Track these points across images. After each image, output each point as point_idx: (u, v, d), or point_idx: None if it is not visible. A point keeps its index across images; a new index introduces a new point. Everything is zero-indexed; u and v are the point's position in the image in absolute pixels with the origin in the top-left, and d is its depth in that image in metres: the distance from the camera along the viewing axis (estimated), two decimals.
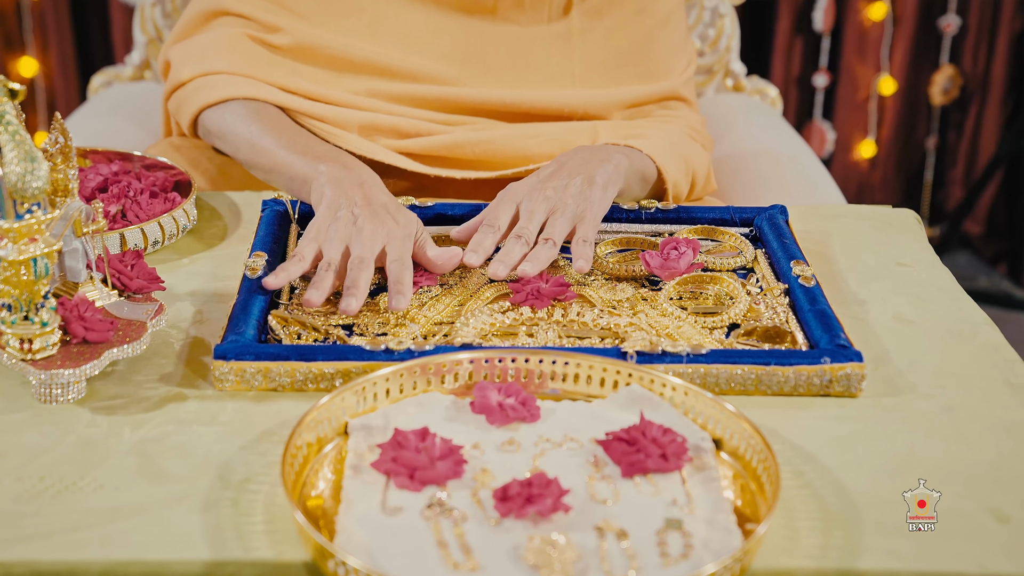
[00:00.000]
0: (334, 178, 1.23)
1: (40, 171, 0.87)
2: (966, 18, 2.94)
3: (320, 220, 1.17)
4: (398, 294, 1.10)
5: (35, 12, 2.69)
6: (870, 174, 3.07)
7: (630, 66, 1.51)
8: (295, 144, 1.32)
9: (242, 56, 1.43)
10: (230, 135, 1.38)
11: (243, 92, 1.39)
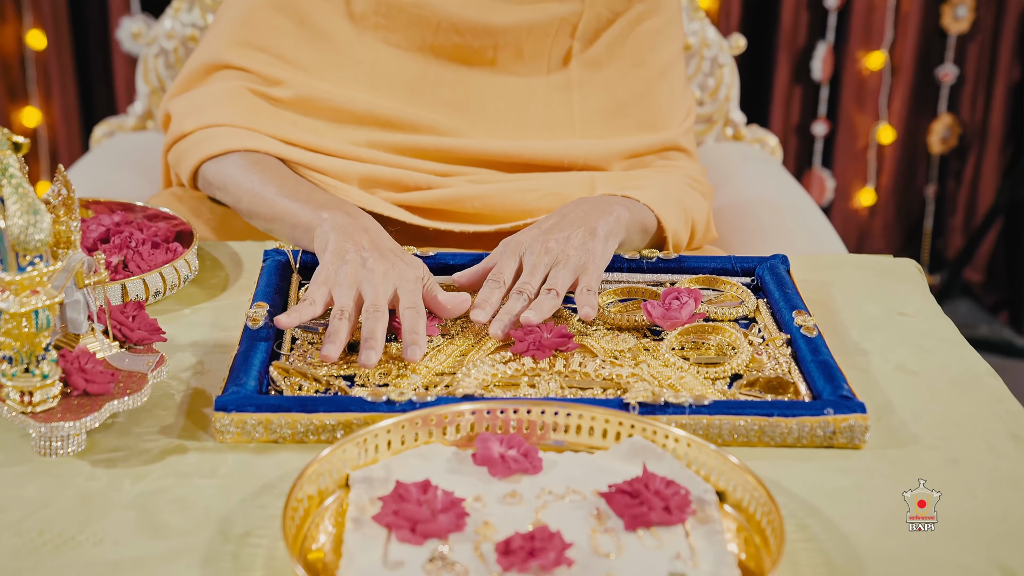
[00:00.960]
0: (338, 225, 1.23)
1: (43, 224, 0.87)
2: (964, 68, 2.96)
3: (328, 265, 1.17)
4: (413, 344, 1.09)
5: (39, 62, 2.71)
6: (870, 222, 3.08)
7: (629, 117, 1.52)
8: (296, 193, 1.32)
9: (243, 108, 1.44)
10: (231, 186, 1.39)
11: (244, 144, 1.40)
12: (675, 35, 1.56)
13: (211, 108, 1.45)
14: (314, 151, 1.43)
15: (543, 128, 1.50)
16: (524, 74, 1.50)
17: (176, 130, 1.46)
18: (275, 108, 1.45)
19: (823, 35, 2.88)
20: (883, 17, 2.88)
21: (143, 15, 2.65)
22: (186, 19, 2.04)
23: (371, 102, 1.46)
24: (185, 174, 1.45)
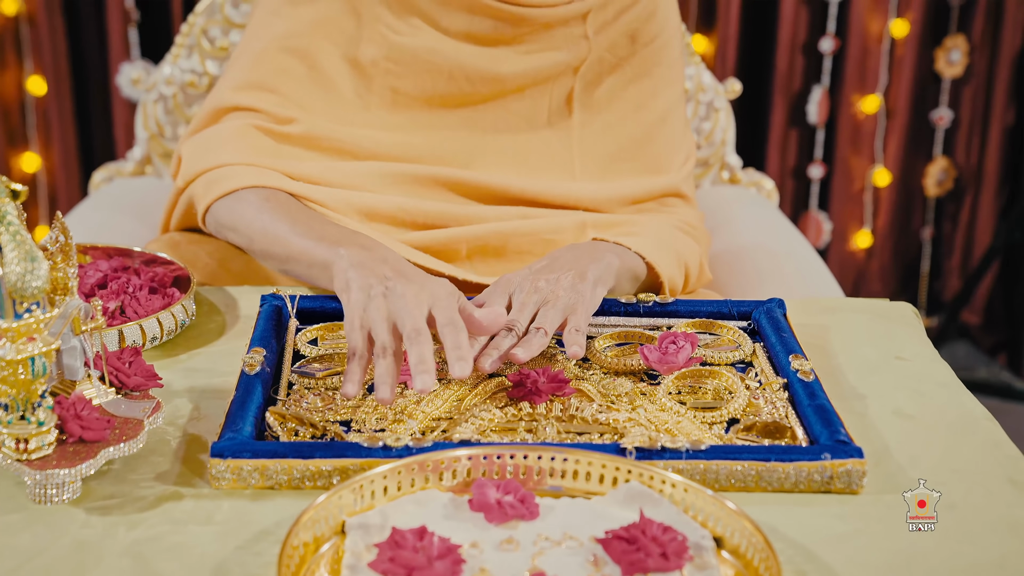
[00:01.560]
0: (356, 261, 1.18)
1: (40, 271, 0.87)
2: (958, 111, 2.98)
3: (355, 304, 1.11)
4: (460, 360, 1.04)
5: (39, 108, 2.72)
6: (867, 264, 3.09)
7: (629, 161, 1.52)
8: (310, 230, 1.29)
9: (248, 147, 1.44)
10: (242, 226, 1.36)
11: (250, 181, 1.39)
12: (676, 79, 1.57)
13: (218, 149, 1.44)
14: (315, 183, 1.43)
15: (544, 169, 1.51)
16: (526, 115, 1.51)
17: (186, 172, 1.46)
18: (281, 144, 1.45)
19: (818, 79, 2.90)
20: (877, 61, 2.90)
21: (143, 61, 2.67)
22: (185, 65, 2.06)
23: (377, 139, 1.47)
24: (198, 218, 1.45)
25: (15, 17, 2.65)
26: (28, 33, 2.66)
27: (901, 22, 2.86)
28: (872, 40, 2.88)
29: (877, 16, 2.86)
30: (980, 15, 2.89)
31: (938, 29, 2.91)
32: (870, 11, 2.85)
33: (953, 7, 2.89)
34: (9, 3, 2.63)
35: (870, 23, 2.86)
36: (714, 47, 2.82)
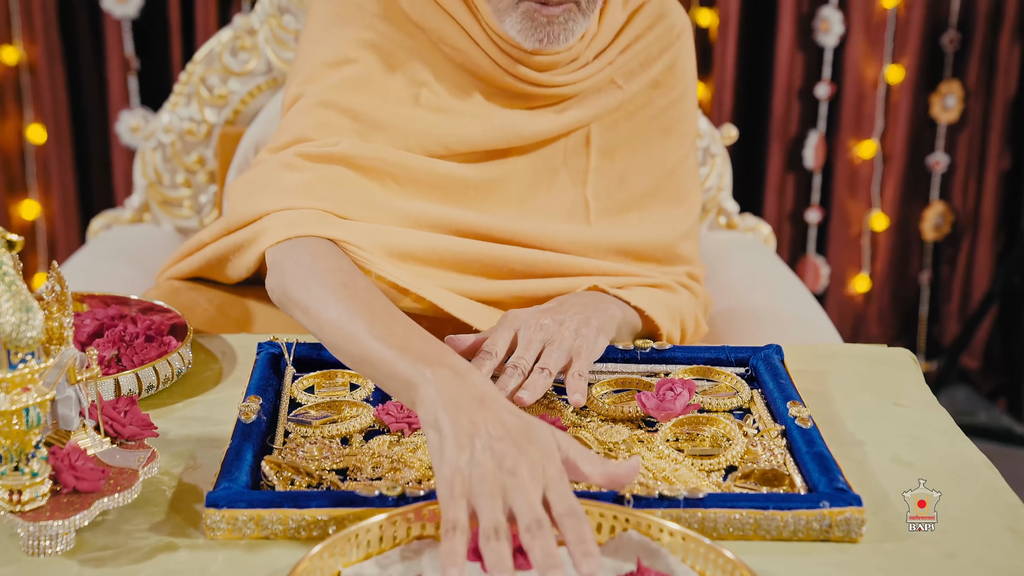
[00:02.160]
0: (447, 394, 1.01)
1: (35, 321, 0.87)
2: (954, 156, 2.99)
3: (454, 465, 0.95)
4: (586, 555, 0.88)
5: (39, 156, 2.74)
6: (865, 308, 3.09)
7: (637, 210, 1.52)
8: (390, 334, 1.12)
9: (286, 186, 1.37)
10: (314, 311, 1.21)
11: (288, 232, 1.31)
12: (691, 131, 1.57)
13: (256, 195, 1.37)
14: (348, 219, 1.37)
15: (557, 211, 1.50)
16: (544, 157, 1.50)
17: (230, 221, 1.40)
18: (318, 165, 1.39)
19: (814, 124, 2.92)
20: (873, 107, 2.91)
21: (142, 109, 2.69)
22: (184, 113, 2.07)
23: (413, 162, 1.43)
24: (242, 269, 1.42)
25: (16, 66, 2.67)
26: (28, 82, 2.68)
27: (896, 68, 2.88)
28: (868, 86, 2.90)
29: (872, 62, 2.88)
30: (974, 61, 2.91)
31: (933, 75, 2.93)
32: (865, 57, 2.88)
33: (947, 53, 2.92)
34: (10, 52, 2.64)
35: (865, 69, 2.88)
36: (711, 93, 2.83)
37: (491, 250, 1.43)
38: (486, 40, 1.46)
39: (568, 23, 1.39)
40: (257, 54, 2.05)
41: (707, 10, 2.81)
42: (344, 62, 1.44)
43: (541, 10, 1.37)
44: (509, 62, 1.46)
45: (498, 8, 1.40)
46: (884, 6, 2.84)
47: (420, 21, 1.46)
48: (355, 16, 1.46)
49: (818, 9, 2.84)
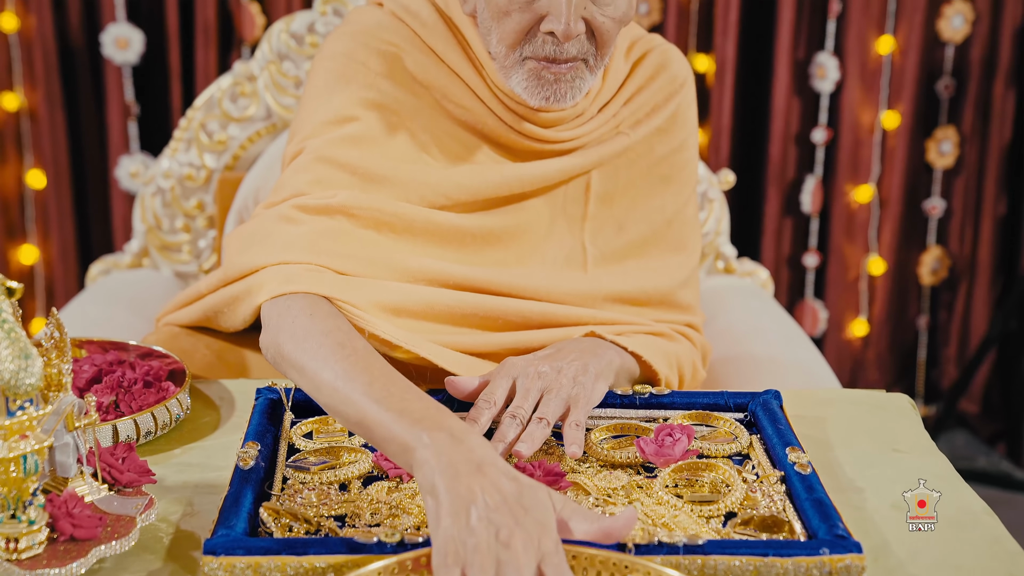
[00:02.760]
0: (445, 459, 1.00)
1: (34, 368, 0.87)
2: (950, 201, 3.00)
3: (448, 533, 0.94)
4: None
5: (38, 201, 2.74)
6: (863, 352, 3.09)
7: (633, 259, 1.52)
8: (388, 396, 1.11)
9: (283, 240, 1.36)
10: (310, 371, 1.19)
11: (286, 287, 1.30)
12: (690, 179, 1.57)
13: (248, 246, 1.37)
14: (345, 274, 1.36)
15: (555, 259, 1.50)
16: (543, 204, 1.50)
17: (227, 273, 1.39)
18: (315, 217, 1.38)
19: (811, 169, 2.93)
20: (869, 152, 2.93)
21: (142, 154, 2.70)
22: (183, 159, 2.08)
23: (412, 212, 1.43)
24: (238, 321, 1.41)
25: (16, 112, 2.69)
26: (29, 127, 2.70)
27: (892, 114, 2.90)
28: (864, 131, 2.92)
29: (868, 108, 2.90)
30: (969, 107, 2.93)
31: (928, 121, 2.95)
32: (861, 103, 2.89)
33: (943, 99, 2.94)
34: (11, 99, 2.66)
35: (861, 115, 2.90)
36: (708, 138, 2.85)
37: (487, 303, 1.42)
38: (491, 97, 1.46)
39: (575, 81, 1.39)
40: (257, 100, 2.06)
41: (704, 56, 2.83)
42: (345, 120, 1.44)
43: (548, 68, 1.37)
44: (514, 119, 1.46)
45: (504, 65, 1.40)
46: (879, 53, 2.87)
47: (424, 79, 1.46)
48: (358, 74, 1.46)
49: (814, 55, 2.86)
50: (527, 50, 1.37)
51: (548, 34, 1.35)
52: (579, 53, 1.36)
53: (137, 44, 2.64)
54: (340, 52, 1.48)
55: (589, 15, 1.35)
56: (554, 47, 1.35)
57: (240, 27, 2.66)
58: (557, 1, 1.32)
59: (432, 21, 1.48)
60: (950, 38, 2.87)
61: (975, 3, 2.85)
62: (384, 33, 1.48)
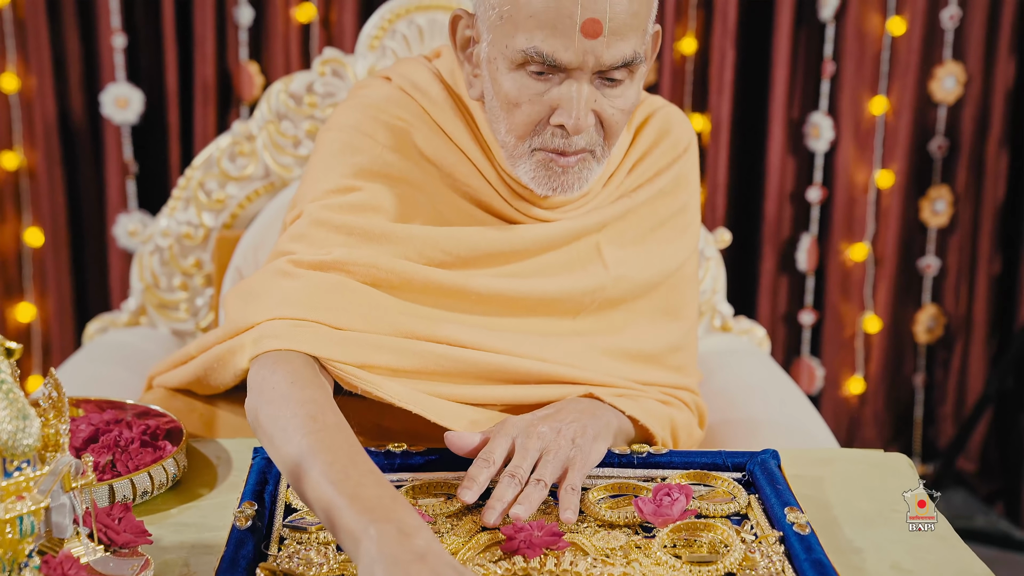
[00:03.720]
0: (387, 551, 0.99)
1: (31, 429, 0.87)
2: (945, 260, 3.02)
3: None
4: None
5: (36, 259, 2.75)
6: (860, 410, 3.08)
7: (631, 317, 1.52)
8: (345, 479, 1.08)
9: (281, 296, 1.36)
10: (277, 442, 1.18)
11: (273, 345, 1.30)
12: (690, 241, 1.56)
13: (252, 303, 1.37)
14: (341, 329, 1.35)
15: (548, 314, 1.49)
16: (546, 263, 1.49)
17: (227, 329, 1.39)
18: (311, 272, 1.37)
19: (807, 227, 2.95)
20: (864, 211, 2.95)
21: (140, 212, 2.71)
22: (182, 217, 2.09)
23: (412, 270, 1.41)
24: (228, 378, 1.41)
25: (16, 171, 2.70)
26: (28, 186, 2.71)
27: (886, 173, 2.92)
28: (858, 190, 2.94)
29: (862, 167, 2.92)
30: (963, 167, 2.95)
31: (922, 180, 2.97)
32: (855, 162, 2.92)
33: (936, 159, 2.96)
34: (10, 158, 2.67)
35: (856, 173, 2.92)
36: (703, 196, 2.87)
37: (484, 359, 1.41)
38: (498, 180, 1.46)
39: (583, 172, 1.38)
40: (255, 159, 2.07)
41: (699, 115, 2.86)
42: (348, 189, 1.43)
43: (557, 160, 1.36)
44: (521, 203, 1.46)
45: (512, 154, 1.39)
46: (872, 113, 2.89)
47: (432, 156, 1.46)
48: (365, 146, 1.45)
49: (808, 115, 2.89)
50: (536, 142, 1.36)
51: (558, 127, 1.34)
52: (587, 145, 1.36)
53: (137, 104, 2.66)
54: (348, 124, 1.47)
55: (599, 107, 1.34)
56: (563, 140, 1.35)
57: (239, 87, 2.69)
58: (568, 95, 1.32)
59: (441, 99, 1.47)
60: (942, 99, 2.90)
61: (967, 65, 2.88)
62: (393, 107, 1.47)
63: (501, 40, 1.33)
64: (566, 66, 1.30)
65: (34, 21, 2.61)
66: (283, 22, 2.68)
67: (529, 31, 1.29)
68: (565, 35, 1.28)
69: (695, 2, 2.80)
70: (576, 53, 1.28)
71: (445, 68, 1.50)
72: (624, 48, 1.30)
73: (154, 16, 2.66)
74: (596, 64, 1.30)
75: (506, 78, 1.34)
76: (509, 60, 1.33)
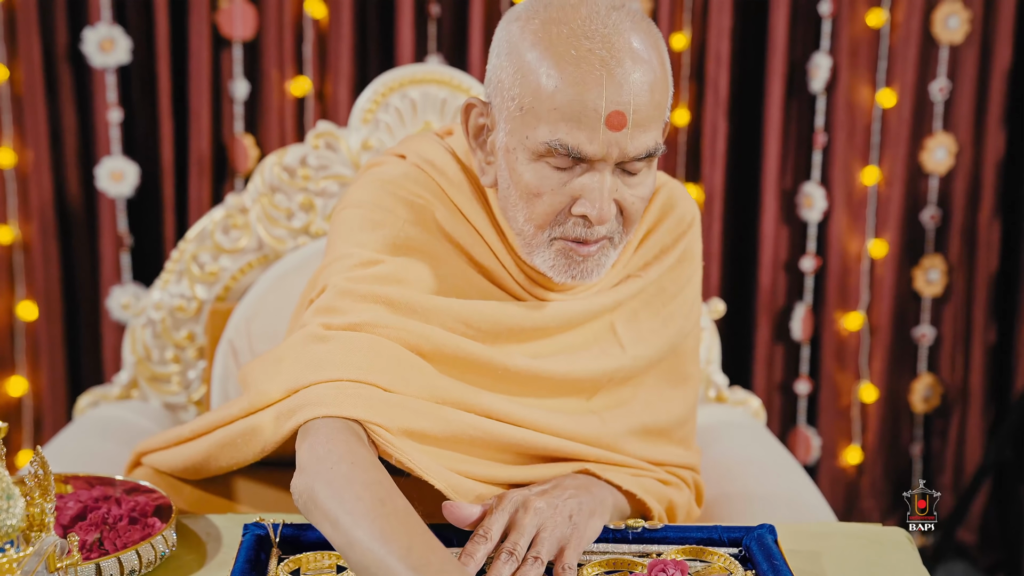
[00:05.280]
0: None
1: (16, 509, 0.86)
2: (940, 329, 3.01)
3: None
4: None
5: (29, 332, 2.74)
6: (858, 480, 3.06)
7: (653, 437, 1.52)
8: (426, 565, 1.09)
9: (317, 361, 1.33)
10: (344, 526, 1.15)
11: (320, 412, 1.27)
12: (692, 314, 1.56)
13: (294, 365, 1.33)
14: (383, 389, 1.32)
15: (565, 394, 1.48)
16: (563, 341, 1.49)
17: (256, 402, 1.35)
18: (346, 333, 1.34)
19: (801, 296, 2.95)
20: (858, 280, 2.95)
21: (134, 284, 2.71)
22: (175, 290, 2.08)
23: (442, 338, 1.39)
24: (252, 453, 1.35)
25: (10, 245, 2.70)
26: (22, 259, 2.71)
27: (879, 242, 2.93)
28: (852, 259, 2.94)
29: (855, 237, 2.93)
30: (955, 237, 2.96)
31: (915, 249, 2.98)
32: (848, 231, 2.93)
33: (928, 229, 2.97)
34: (5, 232, 2.68)
35: (849, 243, 2.93)
36: None
37: (508, 433, 1.38)
38: (513, 265, 1.45)
39: (601, 259, 1.38)
40: (249, 232, 2.07)
41: (693, 185, 2.87)
42: (372, 263, 1.41)
43: (578, 249, 1.35)
44: (536, 288, 1.46)
45: (530, 243, 1.38)
46: (864, 183, 2.91)
47: (452, 234, 1.45)
48: (387, 221, 1.43)
49: (801, 185, 2.90)
50: (556, 231, 1.35)
51: (580, 217, 1.34)
52: (608, 232, 1.36)
53: (132, 177, 2.67)
54: (366, 200, 1.46)
55: (620, 196, 1.34)
56: (585, 230, 1.34)
57: (234, 160, 2.70)
58: (591, 186, 1.31)
59: (459, 180, 1.46)
60: (933, 169, 2.92)
61: (957, 136, 2.91)
62: (411, 184, 1.46)
63: (521, 131, 1.32)
64: (591, 158, 1.30)
65: (31, 97, 2.62)
66: (278, 95, 2.70)
67: (553, 123, 1.29)
68: (590, 128, 1.28)
69: (687, 74, 2.83)
70: (601, 145, 1.28)
71: (460, 148, 1.49)
72: (647, 140, 1.30)
73: (150, 90, 2.68)
74: (620, 156, 1.30)
75: (526, 168, 1.33)
76: (530, 151, 1.32)
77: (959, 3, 2.83)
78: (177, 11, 2.66)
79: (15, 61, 2.63)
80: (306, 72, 2.71)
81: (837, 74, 2.84)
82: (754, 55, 2.86)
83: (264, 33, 2.68)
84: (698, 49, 2.83)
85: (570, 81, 1.27)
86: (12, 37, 2.62)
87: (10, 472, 1.78)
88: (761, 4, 2.82)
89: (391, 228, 1.43)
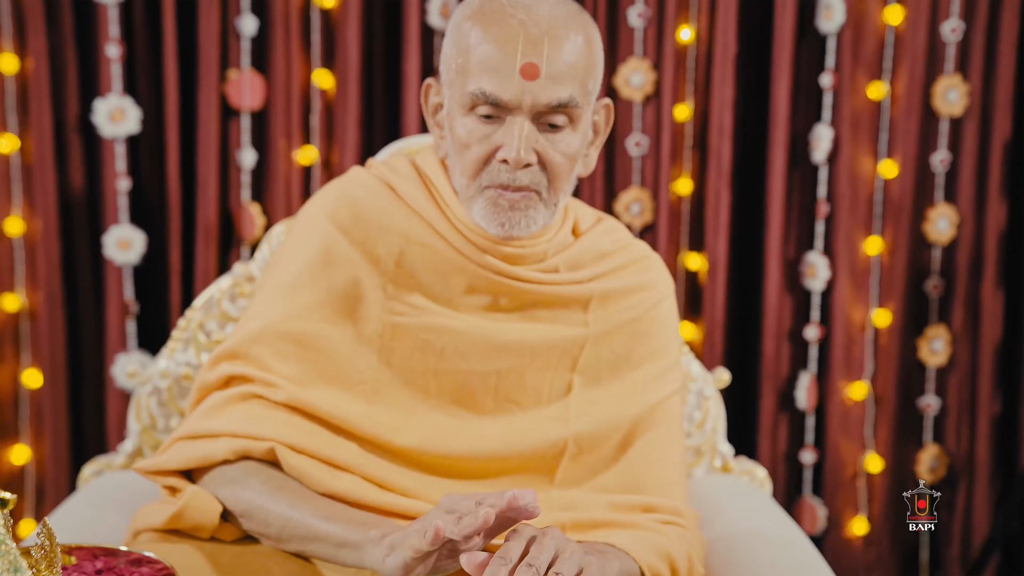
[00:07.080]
0: (391, 530, 1.29)
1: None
2: (945, 399, 3.01)
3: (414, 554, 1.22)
4: None
5: (33, 400, 2.74)
6: (865, 552, 3.04)
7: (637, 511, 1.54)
8: (333, 515, 1.38)
9: (240, 414, 1.50)
10: (257, 512, 1.44)
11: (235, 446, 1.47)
12: (674, 379, 1.59)
13: (207, 420, 1.51)
14: (301, 452, 1.47)
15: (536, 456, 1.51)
16: (524, 406, 1.52)
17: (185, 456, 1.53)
18: (267, 409, 1.50)
19: (805, 366, 2.95)
20: (862, 349, 2.95)
21: (139, 352, 2.71)
22: (181, 359, 2.09)
23: (363, 416, 1.50)
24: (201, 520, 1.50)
25: (16, 313, 2.71)
26: (28, 328, 2.71)
27: (883, 312, 2.94)
28: (855, 329, 2.95)
29: (859, 306, 2.94)
30: (959, 307, 2.97)
31: (919, 319, 2.98)
32: (852, 301, 2.93)
33: (932, 299, 2.98)
34: (11, 300, 2.69)
35: (853, 312, 2.94)
36: (701, 335, 2.87)
37: None
38: (451, 230, 1.56)
39: (528, 210, 1.51)
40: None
41: (696, 254, 2.88)
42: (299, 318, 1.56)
43: (503, 194, 1.49)
44: (476, 252, 1.54)
45: (466, 196, 1.54)
46: (868, 253, 2.92)
47: (388, 223, 1.57)
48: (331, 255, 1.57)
49: (804, 254, 2.91)
50: (484, 179, 1.51)
51: (503, 162, 1.49)
52: (531, 183, 1.50)
53: (139, 245, 2.69)
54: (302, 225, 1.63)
55: (541, 149, 1.49)
56: (508, 174, 1.49)
57: (240, 228, 2.72)
58: (510, 132, 1.47)
59: (406, 171, 1.62)
60: (936, 240, 2.93)
61: (959, 207, 2.93)
62: (354, 188, 1.61)
63: (457, 90, 1.51)
64: (507, 104, 1.47)
65: (41, 166, 2.65)
66: (285, 164, 2.73)
67: (477, 75, 1.47)
68: (507, 77, 1.45)
69: (690, 144, 2.85)
70: (516, 93, 1.45)
71: (421, 157, 1.65)
72: (560, 91, 1.46)
73: (159, 159, 2.71)
74: (534, 103, 1.46)
75: (459, 124, 1.51)
76: (461, 106, 1.50)
77: (958, 77, 2.87)
78: (187, 82, 2.70)
79: (26, 131, 2.66)
80: (313, 141, 2.73)
81: (839, 145, 2.86)
82: (756, 126, 2.89)
83: (272, 103, 2.72)
84: (701, 120, 2.86)
85: (492, 38, 1.46)
86: (24, 107, 2.65)
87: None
88: (763, 77, 2.86)
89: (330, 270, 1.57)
